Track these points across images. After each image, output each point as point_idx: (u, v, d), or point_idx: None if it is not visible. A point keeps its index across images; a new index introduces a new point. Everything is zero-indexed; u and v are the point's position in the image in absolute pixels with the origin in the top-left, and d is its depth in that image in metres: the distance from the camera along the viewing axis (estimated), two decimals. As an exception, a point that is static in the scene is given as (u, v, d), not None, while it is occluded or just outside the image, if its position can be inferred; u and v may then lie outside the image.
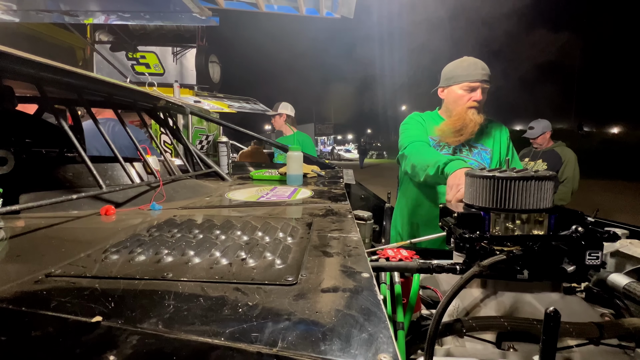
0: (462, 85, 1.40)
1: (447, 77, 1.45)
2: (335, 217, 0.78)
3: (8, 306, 0.34)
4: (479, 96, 1.38)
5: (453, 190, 1.03)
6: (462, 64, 1.42)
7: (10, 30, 3.44)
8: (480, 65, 1.38)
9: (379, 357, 0.27)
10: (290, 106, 3.40)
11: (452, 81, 1.43)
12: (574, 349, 0.58)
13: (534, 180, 0.63)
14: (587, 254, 0.62)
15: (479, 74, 1.36)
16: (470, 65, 1.39)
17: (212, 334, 0.29)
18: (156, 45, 5.11)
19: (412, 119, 1.56)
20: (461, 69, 1.41)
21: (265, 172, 1.68)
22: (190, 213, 0.83)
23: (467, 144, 1.47)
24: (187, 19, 2.89)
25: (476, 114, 1.39)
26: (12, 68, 0.69)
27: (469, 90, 1.39)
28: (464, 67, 1.41)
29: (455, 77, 1.42)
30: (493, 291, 0.69)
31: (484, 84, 1.37)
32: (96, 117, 0.99)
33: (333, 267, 0.46)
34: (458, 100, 1.42)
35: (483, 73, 1.36)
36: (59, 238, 0.61)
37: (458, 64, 1.43)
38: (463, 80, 1.39)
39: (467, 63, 1.40)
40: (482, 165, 1.44)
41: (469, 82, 1.38)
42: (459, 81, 1.40)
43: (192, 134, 4.31)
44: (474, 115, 1.38)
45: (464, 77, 1.39)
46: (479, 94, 1.37)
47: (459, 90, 1.41)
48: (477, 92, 1.38)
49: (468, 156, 1.45)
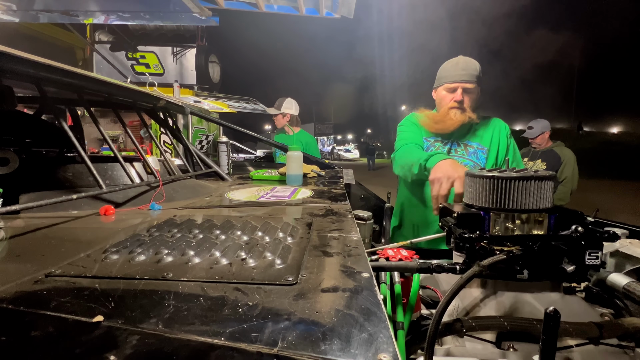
0: (444, 87, 1.44)
1: (436, 79, 1.50)
2: (335, 217, 0.78)
3: (8, 306, 0.34)
4: (459, 96, 1.39)
5: (436, 186, 1.04)
6: (446, 65, 1.45)
7: (10, 30, 3.44)
8: (462, 65, 1.40)
9: (379, 356, 0.27)
10: (295, 103, 3.05)
11: (438, 83, 1.48)
12: (574, 349, 0.58)
13: (534, 180, 0.63)
14: (587, 254, 0.62)
15: (457, 75, 1.39)
16: (453, 66, 1.42)
17: (212, 334, 0.29)
18: (156, 45, 5.11)
19: (408, 121, 1.58)
20: (444, 70, 1.45)
21: (265, 172, 1.68)
22: (190, 213, 0.83)
23: (462, 143, 1.48)
24: (187, 19, 2.89)
25: (458, 114, 1.40)
26: (12, 68, 0.69)
27: (450, 91, 1.42)
28: (446, 68, 1.44)
29: (439, 79, 1.47)
30: (493, 291, 0.69)
31: (465, 84, 1.38)
32: None
33: (333, 267, 0.46)
34: (441, 102, 1.46)
35: (462, 73, 1.38)
36: (58, 238, 0.61)
37: (444, 65, 1.46)
38: (444, 82, 1.43)
39: (451, 64, 1.43)
40: (478, 165, 1.45)
41: (448, 84, 1.41)
42: (441, 82, 1.45)
43: (192, 134, 4.31)
44: (455, 115, 1.40)
45: (445, 78, 1.43)
46: (458, 94, 1.39)
47: (442, 92, 1.45)
48: (457, 92, 1.39)
49: (464, 156, 1.46)
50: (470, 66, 1.39)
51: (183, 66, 5.17)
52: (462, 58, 1.43)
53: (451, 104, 1.41)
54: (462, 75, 1.38)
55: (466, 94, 1.40)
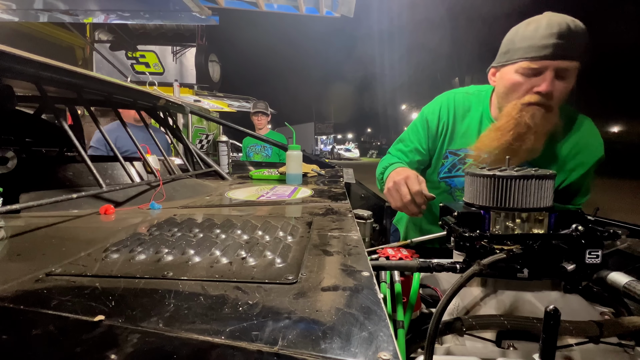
0: (519, 66, 0.84)
1: (502, 51, 0.90)
2: (335, 216, 0.78)
3: (9, 305, 0.34)
4: (546, 85, 0.80)
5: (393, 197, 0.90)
6: (523, 29, 0.84)
7: (9, 30, 3.44)
8: (554, 28, 0.78)
9: (379, 355, 0.27)
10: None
11: (506, 57, 0.87)
12: (574, 348, 0.58)
13: (535, 179, 0.63)
14: (587, 253, 0.62)
15: (548, 45, 0.78)
16: (535, 29, 0.80)
17: (212, 333, 0.29)
18: (156, 45, 5.11)
19: (421, 116, 1.10)
20: (520, 35, 0.83)
21: (264, 171, 1.68)
22: (191, 212, 0.83)
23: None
24: (186, 18, 2.88)
25: (539, 117, 0.83)
26: (12, 67, 0.69)
27: (529, 74, 0.83)
28: (524, 33, 0.82)
29: (511, 51, 0.86)
30: (493, 290, 0.69)
31: (561, 62, 0.79)
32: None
33: (333, 266, 0.46)
34: (510, 91, 0.88)
35: (556, 43, 0.78)
36: (59, 237, 0.61)
37: (519, 29, 0.86)
38: (520, 57, 0.83)
39: (534, 26, 0.81)
40: None
41: (528, 60, 0.81)
42: (513, 58, 0.84)
43: (192, 133, 4.31)
44: (533, 118, 0.83)
45: (523, 50, 0.82)
46: (547, 81, 0.80)
47: (513, 74, 0.85)
48: (543, 76, 0.81)
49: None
50: (568, 30, 0.78)
51: (183, 65, 5.18)
52: (554, 16, 0.81)
53: (528, 98, 0.84)
54: (555, 46, 0.78)
55: (560, 80, 0.82)
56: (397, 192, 0.88)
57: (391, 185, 0.89)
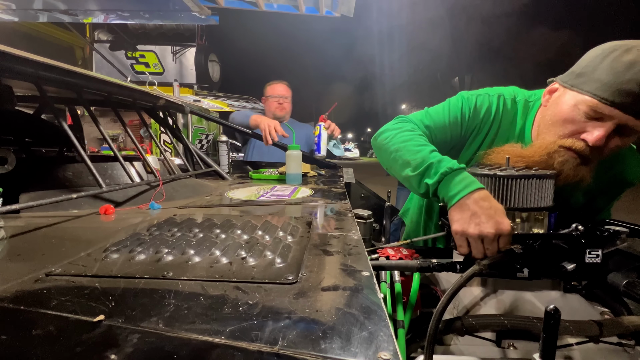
0: (583, 101, 0.69)
1: (576, 70, 0.73)
2: (335, 216, 0.78)
3: (9, 305, 0.34)
4: (599, 138, 0.67)
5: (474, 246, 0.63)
6: (618, 59, 0.65)
7: (9, 30, 3.43)
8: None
9: (380, 355, 0.27)
10: None
11: (577, 82, 0.71)
12: (574, 347, 0.58)
13: (535, 178, 0.63)
14: (587, 253, 0.62)
15: (631, 92, 0.63)
16: (632, 67, 0.63)
17: (212, 333, 0.29)
18: (156, 44, 5.11)
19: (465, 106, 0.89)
20: (607, 68, 0.66)
21: (264, 171, 1.68)
22: (190, 212, 0.83)
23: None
24: (186, 18, 2.88)
25: (570, 167, 0.71)
26: (11, 67, 0.69)
27: (589, 115, 0.69)
28: (615, 66, 0.65)
29: (585, 78, 0.70)
30: (493, 289, 0.69)
31: (632, 120, 0.65)
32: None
33: (333, 266, 0.46)
34: (557, 123, 0.74)
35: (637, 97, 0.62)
36: (59, 237, 0.61)
37: (612, 56, 0.66)
38: (591, 92, 0.67)
39: (630, 60, 0.63)
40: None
41: (599, 101, 0.66)
42: (584, 88, 0.69)
43: (191, 133, 4.31)
44: (562, 165, 0.71)
45: (599, 85, 0.66)
46: (601, 134, 0.67)
47: (572, 106, 0.71)
48: (602, 125, 0.68)
49: None
50: None
51: (183, 65, 5.17)
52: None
53: (571, 142, 0.71)
54: (637, 98, 0.63)
55: (619, 136, 0.69)
56: (480, 243, 0.63)
57: (475, 233, 0.62)
